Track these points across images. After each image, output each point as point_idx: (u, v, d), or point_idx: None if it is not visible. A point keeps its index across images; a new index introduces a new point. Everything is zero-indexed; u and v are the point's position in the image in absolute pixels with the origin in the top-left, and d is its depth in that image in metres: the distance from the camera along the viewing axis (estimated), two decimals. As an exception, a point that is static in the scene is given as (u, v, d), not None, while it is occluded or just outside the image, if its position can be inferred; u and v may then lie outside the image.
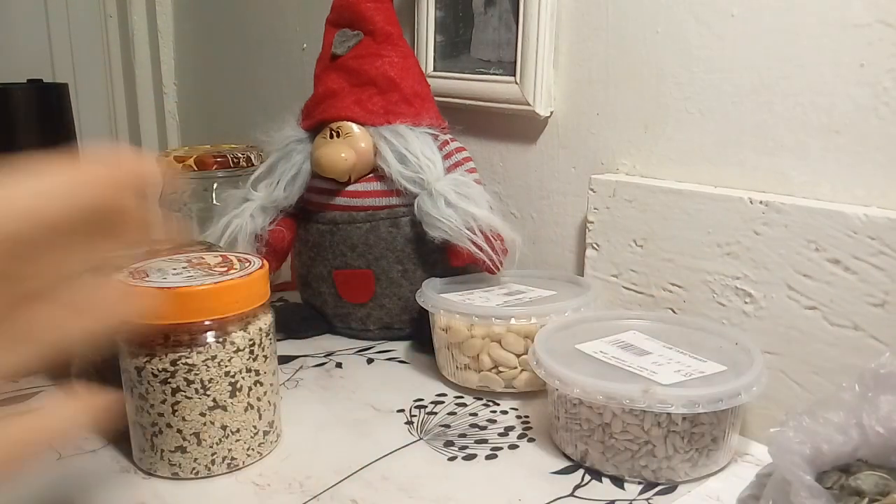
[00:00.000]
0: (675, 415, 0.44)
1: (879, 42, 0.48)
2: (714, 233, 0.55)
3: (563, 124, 0.68)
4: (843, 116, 0.50)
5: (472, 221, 0.61)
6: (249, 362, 0.46)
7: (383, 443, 0.51)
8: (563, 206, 0.69)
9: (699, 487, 0.46)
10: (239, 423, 0.46)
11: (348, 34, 0.68)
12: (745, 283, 0.54)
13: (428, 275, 0.67)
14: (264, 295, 0.47)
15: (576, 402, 0.47)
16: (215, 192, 0.79)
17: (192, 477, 0.46)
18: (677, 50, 0.58)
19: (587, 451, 0.47)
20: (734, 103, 0.55)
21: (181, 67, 1.23)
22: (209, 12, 1.15)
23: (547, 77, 0.67)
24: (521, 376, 0.57)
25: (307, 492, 0.45)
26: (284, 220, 0.68)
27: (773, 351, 0.52)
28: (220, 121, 1.17)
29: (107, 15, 1.23)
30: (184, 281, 0.44)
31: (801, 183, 0.53)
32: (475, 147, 0.75)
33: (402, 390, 0.59)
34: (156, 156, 0.26)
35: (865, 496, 0.36)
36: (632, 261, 0.61)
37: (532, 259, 0.72)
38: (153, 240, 0.25)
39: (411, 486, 0.46)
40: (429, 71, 0.76)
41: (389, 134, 0.65)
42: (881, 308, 0.47)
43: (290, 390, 0.59)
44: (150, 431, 0.46)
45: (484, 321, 0.56)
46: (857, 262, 0.48)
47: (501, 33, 0.70)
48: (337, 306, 0.69)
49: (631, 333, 0.54)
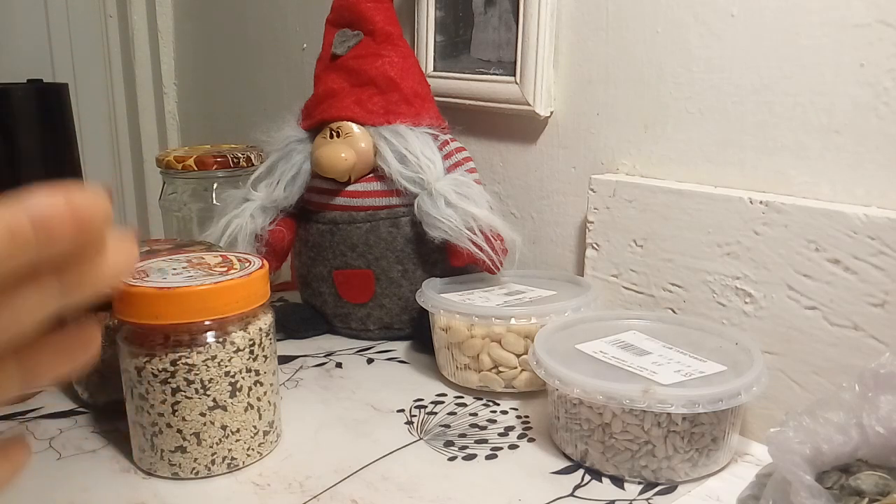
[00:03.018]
0: (675, 415, 0.44)
1: (879, 42, 0.48)
2: (714, 233, 0.55)
3: (563, 124, 0.68)
4: (843, 116, 0.50)
5: (472, 221, 0.61)
6: (249, 362, 0.46)
7: (383, 443, 0.51)
8: (563, 206, 0.69)
9: (699, 487, 0.46)
10: (239, 423, 0.46)
11: (348, 34, 0.68)
12: (745, 283, 0.54)
13: (428, 275, 0.67)
14: (264, 295, 0.47)
15: (576, 402, 0.47)
16: (215, 192, 0.79)
17: (192, 477, 0.46)
18: (677, 50, 0.58)
19: (587, 451, 0.47)
20: (734, 103, 0.55)
21: (181, 67, 1.23)
22: (209, 12, 1.15)
23: (547, 77, 0.67)
24: (521, 376, 0.57)
25: (307, 492, 0.45)
26: (284, 220, 0.68)
27: (773, 351, 0.52)
28: (220, 121, 1.17)
29: (107, 15, 1.23)
30: (184, 281, 0.44)
31: (801, 183, 0.53)
32: (475, 147, 0.75)
33: (402, 390, 0.59)
34: (104, 189, 0.21)
35: (865, 496, 0.36)
36: (632, 261, 0.61)
37: (532, 259, 0.72)
38: (110, 281, 0.21)
39: (411, 486, 0.46)
40: (429, 71, 0.76)
41: (389, 134, 0.65)
42: (881, 308, 0.47)
43: (290, 390, 0.59)
44: (150, 431, 0.46)
45: (484, 321, 0.56)
46: (857, 262, 0.48)
47: (501, 33, 0.70)
48: (337, 306, 0.69)
49: (631, 333, 0.54)
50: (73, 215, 0.19)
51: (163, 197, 0.82)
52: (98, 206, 0.20)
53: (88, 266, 0.20)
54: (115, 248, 0.21)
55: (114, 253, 0.21)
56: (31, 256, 0.19)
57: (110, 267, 0.21)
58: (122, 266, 0.21)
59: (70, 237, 0.19)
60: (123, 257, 0.21)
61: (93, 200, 0.19)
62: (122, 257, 0.21)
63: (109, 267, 0.21)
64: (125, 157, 1.28)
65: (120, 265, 0.21)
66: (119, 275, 0.21)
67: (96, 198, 0.20)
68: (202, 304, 0.44)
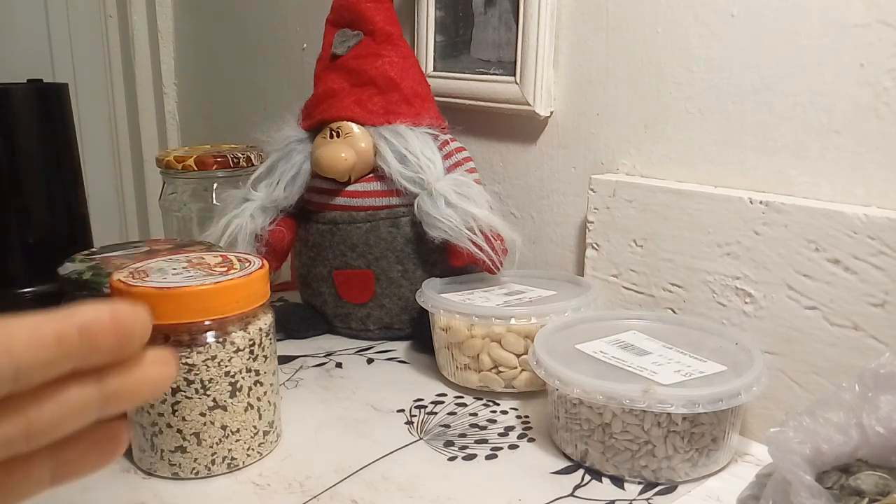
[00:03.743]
0: (675, 415, 0.44)
1: (879, 42, 0.48)
2: (714, 233, 0.55)
3: (563, 124, 0.68)
4: (843, 116, 0.50)
5: (472, 221, 0.61)
6: (249, 362, 0.46)
7: (383, 443, 0.51)
8: (563, 206, 0.69)
9: (699, 487, 0.46)
10: (239, 423, 0.46)
11: (348, 34, 0.68)
12: (745, 283, 0.54)
13: (428, 275, 0.67)
14: (264, 295, 0.47)
15: (576, 402, 0.47)
16: (215, 192, 0.79)
17: (192, 477, 0.46)
18: (677, 50, 0.58)
19: (587, 451, 0.47)
20: (734, 103, 0.55)
21: (181, 67, 1.23)
22: (209, 12, 1.15)
23: (547, 77, 0.67)
24: (521, 376, 0.57)
25: (307, 492, 0.45)
26: (284, 220, 0.68)
27: (773, 351, 0.52)
28: (220, 121, 1.17)
29: (107, 15, 1.23)
30: (184, 281, 0.44)
31: (801, 183, 0.53)
32: (475, 147, 0.75)
33: (402, 390, 0.59)
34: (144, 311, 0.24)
35: (865, 496, 0.36)
36: (632, 261, 0.61)
37: (532, 259, 0.72)
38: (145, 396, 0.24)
39: (411, 486, 0.46)
40: (429, 71, 0.76)
41: (389, 134, 0.65)
42: (881, 308, 0.47)
43: (290, 390, 0.59)
44: (150, 431, 0.46)
45: (484, 321, 0.56)
46: (857, 262, 0.48)
47: (501, 33, 0.70)
48: (337, 306, 0.69)
49: (631, 333, 0.54)
50: (116, 326, 0.21)
51: (163, 197, 0.82)
52: (139, 320, 0.22)
53: (127, 376, 0.22)
54: (153, 364, 0.23)
55: (153, 368, 0.23)
56: (75, 361, 0.21)
57: (148, 380, 0.23)
58: (159, 381, 0.23)
59: (111, 345, 0.21)
60: (161, 373, 0.23)
61: (134, 314, 0.22)
62: (159, 373, 0.23)
63: (147, 380, 0.23)
64: (125, 157, 1.28)
65: (157, 380, 0.23)
66: (156, 389, 0.23)
67: (137, 312, 0.22)
68: (202, 304, 0.44)
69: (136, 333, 0.22)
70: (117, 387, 0.22)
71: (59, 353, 0.20)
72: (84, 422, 0.22)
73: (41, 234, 0.74)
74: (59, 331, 0.20)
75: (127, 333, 0.22)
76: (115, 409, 0.23)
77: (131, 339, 0.22)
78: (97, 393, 0.22)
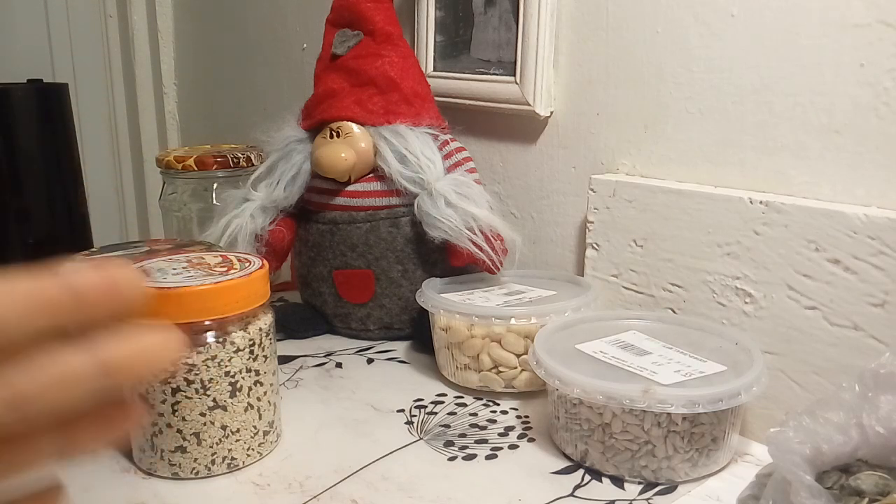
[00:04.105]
0: (675, 415, 0.44)
1: (879, 42, 0.48)
2: (714, 233, 0.55)
3: (563, 124, 0.68)
4: (843, 116, 0.50)
5: (472, 221, 0.61)
6: (249, 362, 0.46)
7: (383, 443, 0.51)
8: (563, 206, 0.69)
9: (699, 487, 0.46)
10: (239, 423, 0.46)
11: (348, 34, 0.68)
12: (745, 283, 0.54)
13: (428, 275, 0.67)
14: (264, 295, 0.47)
15: (576, 402, 0.47)
16: (215, 192, 0.79)
17: (192, 477, 0.46)
18: (677, 50, 0.58)
19: (587, 451, 0.47)
20: (734, 103, 0.55)
21: (181, 67, 1.23)
22: (209, 12, 1.15)
23: (547, 77, 0.67)
24: (521, 376, 0.57)
25: (307, 492, 0.45)
26: (284, 220, 0.68)
27: (773, 351, 0.52)
28: (220, 121, 1.17)
29: (107, 15, 1.23)
30: (184, 281, 0.44)
31: (801, 183, 0.53)
32: (475, 147, 0.75)
33: (402, 390, 0.59)
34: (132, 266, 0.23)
35: (865, 496, 0.36)
36: (632, 261, 0.61)
37: (532, 259, 0.72)
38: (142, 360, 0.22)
39: (411, 486, 0.46)
40: (429, 71, 0.76)
41: (389, 134, 0.65)
42: (881, 308, 0.47)
43: (290, 390, 0.59)
44: (150, 431, 0.45)
45: (484, 321, 0.56)
46: (857, 262, 0.48)
47: (501, 33, 0.70)
48: (337, 306, 0.69)
49: (631, 333, 0.54)
50: (102, 279, 0.20)
51: (163, 197, 0.82)
52: (127, 276, 0.21)
53: (124, 344, 0.21)
54: (153, 335, 0.22)
55: (152, 338, 0.22)
56: (65, 317, 0.20)
57: (147, 350, 0.22)
58: (160, 353, 0.22)
59: (97, 301, 0.20)
60: (161, 343, 0.22)
61: (127, 274, 0.21)
62: (159, 343, 0.22)
63: (146, 350, 0.22)
64: (125, 157, 1.28)
65: (157, 350, 0.22)
66: (156, 360, 0.22)
67: (131, 272, 0.21)
68: (202, 304, 0.44)
69: (124, 288, 0.21)
70: (114, 354, 0.21)
71: (47, 309, 0.19)
72: (81, 393, 0.21)
73: (41, 234, 0.75)
74: (38, 284, 0.19)
75: (114, 288, 0.21)
76: (115, 381, 0.21)
77: (119, 294, 0.21)
78: (90, 360, 0.21)
